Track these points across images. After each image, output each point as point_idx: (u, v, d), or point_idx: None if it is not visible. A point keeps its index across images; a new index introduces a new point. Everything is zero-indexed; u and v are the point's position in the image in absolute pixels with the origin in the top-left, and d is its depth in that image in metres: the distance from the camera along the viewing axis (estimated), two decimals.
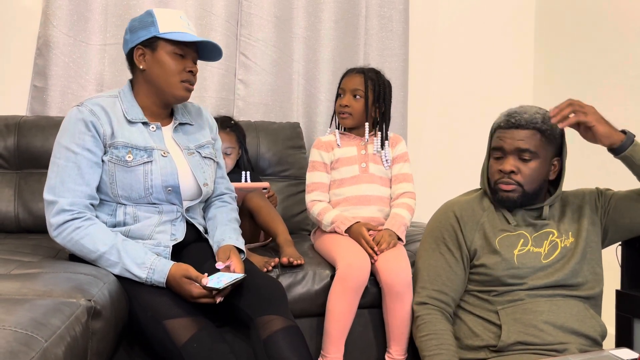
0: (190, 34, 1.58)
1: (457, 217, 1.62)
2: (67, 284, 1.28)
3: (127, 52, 1.61)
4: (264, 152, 2.41)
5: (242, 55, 2.58)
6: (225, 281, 1.41)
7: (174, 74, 1.57)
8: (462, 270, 1.59)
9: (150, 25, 1.55)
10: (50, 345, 1.01)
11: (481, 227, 1.60)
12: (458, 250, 1.60)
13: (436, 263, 1.61)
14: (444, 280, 1.59)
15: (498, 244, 1.56)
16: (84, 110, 1.52)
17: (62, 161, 1.50)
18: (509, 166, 1.55)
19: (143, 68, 1.58)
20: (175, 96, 1.60)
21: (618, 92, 2.58)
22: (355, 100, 2.01)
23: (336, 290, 1.73)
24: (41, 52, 2.35)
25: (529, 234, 1.58)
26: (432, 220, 1.70)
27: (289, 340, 1.40)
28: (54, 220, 1.46)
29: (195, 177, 1.62)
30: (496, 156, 1.59)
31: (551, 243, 1.57)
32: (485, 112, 3.01)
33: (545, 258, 1.54)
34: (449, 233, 1.62)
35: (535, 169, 1.55)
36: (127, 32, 1.60)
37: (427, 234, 1.68)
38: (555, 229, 1.59)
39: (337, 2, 2.69)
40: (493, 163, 1.60)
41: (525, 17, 3.10)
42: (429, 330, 1.55)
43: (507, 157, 1.56)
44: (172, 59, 1.57)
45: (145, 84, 1.60)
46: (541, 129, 1.54)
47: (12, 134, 2.15)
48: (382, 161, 2.02)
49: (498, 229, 1.59)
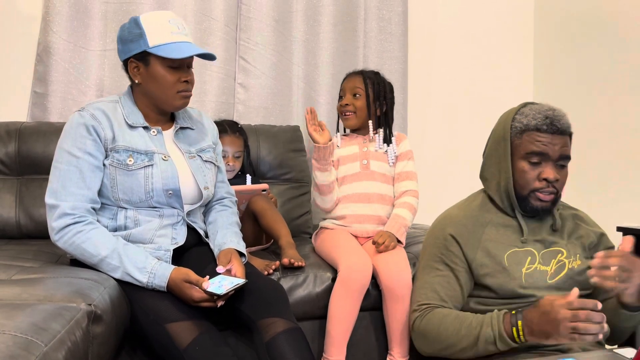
0: (182, 43, 1.55)
1: (455, 237, 1.50)
2: (68, 289, 1.28)
3: (123, 62, 1.61)
4: (265, 155, 2.41)
5: (242, 59, 2.59)
6: (226, 287, 1.41)
7: (170, 87, 1.57)
8: (459, 286, 1.49)
9: (139, 38, 1.53)
10: (51, 349, 1.01)
11: (484, 246, 1.48)
12: (457, 266, 1.49)
13: (432, 281, 1.50)
14: (441, 295, 1.49)
15: (507, 260, 1.46)
16: (86, 115, 1.53)
17: (63, 165, 1.50)
18: (552, 174, 1.44)
19: (138, 82, 1.58)
20: (173, 107, 1.62)
21: (618, 92, 2.58)
22: (356, 98, 2.03)
23: (338, 293, 1.73)
24: (41, 58, 2.35)
25: (537, 251, 1.49)
26: (428, 238, 1.59)
27: (291, 343, 1.40)
28: (56, 224, 1.46)
29: (196, 180, 1.63)
30: (533, 161, 1.46)
31: (559, 263, 1.49)
32: (486, 113, 3.01)
33: (550, 278, 1.47)
34: (446, 253, 1.51)
35: (566, 175, 1.48)
36: (118, 41, 1.59)
37: (423, 252, 1.59)
38: (565, 249, 1.51)
39: (335, 5, 2.69)
40: (529, 169, 1.46)
41: (524, 18, 3.10)
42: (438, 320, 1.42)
43: (547, 163, 1.45)
44: (166, 73, 1.56)
45: (143, 95, 1.61)
46: (571, 134, 1.49)
47: (13, 140, 2.15)
48: (387, 158, 2.02)
49: (505, 245, 1.48)
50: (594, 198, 2.64)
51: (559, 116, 1.46)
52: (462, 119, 3.02)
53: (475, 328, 1.36)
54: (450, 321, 1.41)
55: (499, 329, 1.32)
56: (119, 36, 1.59)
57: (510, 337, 1.31)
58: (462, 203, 1.63)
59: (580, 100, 2.78)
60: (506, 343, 1.32)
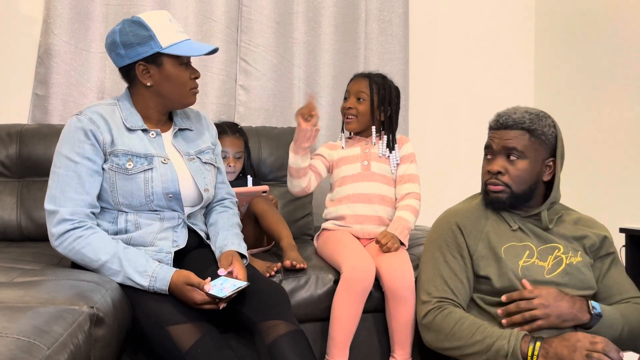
0: (189, 41, 1.57)
1: (460, 227, 1.58)
2: (70, 292, 1.27)
3: (123, 66, 1.57)
4: (266, 157, 2.41)
5: (243, 61, 2.59)
6: (228, 289, 1.41)
7: (184, 85, 1.58)
8: (466, 279, 1.54)
9: (149, 40, 1.51)
10: (53, 352, 1.00)
11: (486, 236, 1.56)
12: (462, 259, 1.55)
13: (441, 272, 1.55)
14: (451, 287, 1.53)
15: (504, 253, 1.52)
16: (83, 119, 1.52)
17: (62, 170, 1.49)
18: (496, 166, 1.55)
19: (150, 84, 1.56)
20: (186, 104, 1.63)
21: (618, 93, 2.58)
22: (359, 102, 2.02)
23: (341, 295, 1.72)
24: (42, 60, 2.35)
25: (534, 246, 1.54)
26: (434, 230, 1.65)
27: (293, 345, 1.39)
28: (55, 230, 1.46)
29: (196, 183, 1.62)
30: (487, 157, 1.59)
31: (556, 258, 1.53)
32: (487, 114, 2.98)
33: (548, 273, 1.51)
34: (452, 242, 1.57)
35: (524, 169, 1.53)
36: (118, 46, 1.52)
37: (429, 243, 1.64)
38: (562, 245, 1.55)
39: (336, 7, 2.69)
40: (484, 164, 1.60)
41: (525, 19, 3.10)
42: (455, 320, 1.47)
43: (496, 157, 1.56)
44: (179, 71, 1.56)
45: (151, 98, 1.59)
46: (530, 128, 1.53)
47: (14, 143, 2.15)
48: (389, 162, 2.02)
49: (504, 238, 1.55)
50: (596, 199, 2.64)
51: (508, 113, 1.57)
52: (463, 119, 3.02)
53: (491, 337, 1.40)
54: (468, 325, 1.45)
55: (515, 346, 1.36)
56: (119, 41, 1.52)
57: (524, 356, 1.35)
58: (464, 200, 1.70)
59: (580, 101, 2.78)
60: None
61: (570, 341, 1.32)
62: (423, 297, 1.57)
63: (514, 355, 1.35)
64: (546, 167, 1.57)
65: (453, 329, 1.46)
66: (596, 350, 1.28)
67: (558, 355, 1.31)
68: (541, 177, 1.57)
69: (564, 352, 1.30)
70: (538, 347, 1.34)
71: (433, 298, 1.54)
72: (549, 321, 1.40)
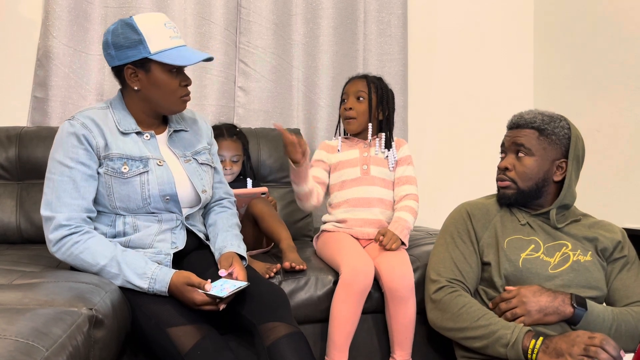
0: (182, 48, 1.53)
1: (469, 214, 1.65)
2: (69, 293, 1.27)
3: (114, 67, 1.55)
4: (265, 158, 2.41)
5: (242, 62, 2.59)
6: (228, 289, 1.40)
7: (172, 92, 1.55)
8: (475, 264, 1.59)
9: (139, 44, 1.48)
10: (52, 354, 1.00)
11: (493, 227, 1.61)
12: (471, 244, 1.61)
13: (452, 255, 1.60)
14: (460, 271, 1.58)
15: (506, 244, 1.56)
16: (76, 124, 1.50)
17: (56, 176, 1.48)
18: (504, 163, 1.61)
19: (137, 89, 1.54)
20: (174, 111, 1.61)
21: (618, 93, 2.58)
22: (359, 102, 2.02)
23: (340, 295, 1.72)
24: (41, 63, 2.35)
25: (542, 242, 1.57)
26: (449, 218, 1.71)
27: (293, 347, 1.39)
28: (52, 236, 1.45)
29: (192, 184, 1.62)
30: (501, 155, 1.66)
31: (563, 255, 1.55)
32: (486, 115, 3.01)
33: (553, 268, 1.52)
34: (462, 228, 1.63)
35: (530, 166, 1.57)
36: (110, 46, 1.50)
37: (443, 230, 1.69)
38: (570, 243, 1.57)
39: (335, 8, 2.69)
40: (499, 162, 1.66)
41: (524, 20, 3.11)
42: (463, 303, 1.51)
43: (507, 155, 1.63)
44: (169, 79, 1.52)
45: (140, 101, 1.57)
46: (540, 128, 1.57)
47: (14, 145, 2.15)
48: (387, 163, 2.02)
49: (510, 231, 1.59)
50: (596, 199, 2.64)
51: (522, 114, 1.63)
52: (462, 120, 3.03)
53: (496, 325, 1.43)
54: (475, 309, 1.49)
55: (517, 338, 1.38)
56: (110, 42, 1.50)
57: (525, 349, 1.37)
58: (483, 197, 1.76)
59: (580, 101, 2.78)
60: (517, 352, 1.38)
61: (570, 337, 1.35)
62: (433, 276, 1.61)
63: (515, 346, 1.38)
64: (558, 168, 1.58)
65: (460, 310, 1.50)
66: (594, 344, 1.30)
67: (557, 350, 1.34)
68: (551, 177, 1.59)
69: (562, 347, 1.33)
70: (540, 342, 1.36)
71: (443, 277, 1.58)
72: (531, 317, 1.44)
